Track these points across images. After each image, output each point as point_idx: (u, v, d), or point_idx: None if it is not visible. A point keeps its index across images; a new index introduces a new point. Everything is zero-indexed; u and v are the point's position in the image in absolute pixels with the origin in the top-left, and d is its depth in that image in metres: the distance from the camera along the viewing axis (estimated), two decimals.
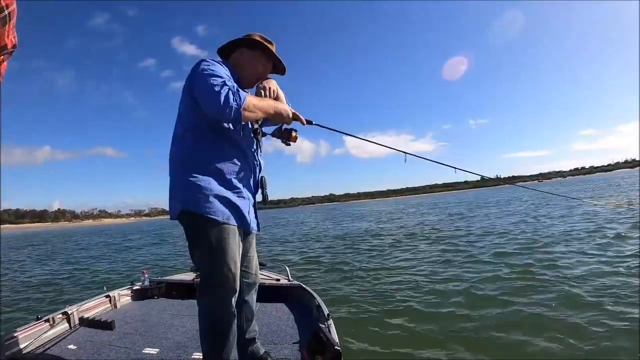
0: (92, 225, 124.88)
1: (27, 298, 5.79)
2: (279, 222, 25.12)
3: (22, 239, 32.23)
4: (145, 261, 9.56)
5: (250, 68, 1.73)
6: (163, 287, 3.29)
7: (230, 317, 1.55)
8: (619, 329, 2.87)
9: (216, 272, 1.50)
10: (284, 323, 2.43)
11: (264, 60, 1.75)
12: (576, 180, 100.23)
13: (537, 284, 4.29)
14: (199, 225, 1.51)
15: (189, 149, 1.55)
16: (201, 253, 1.54)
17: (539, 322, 3.17)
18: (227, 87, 1.43)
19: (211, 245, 1.50)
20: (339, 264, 6.82)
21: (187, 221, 1.54)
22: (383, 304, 4.07)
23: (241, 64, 1.73)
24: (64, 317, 2.42)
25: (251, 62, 1.73)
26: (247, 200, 1.64)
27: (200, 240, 1.52)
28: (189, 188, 1.51)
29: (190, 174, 1.51)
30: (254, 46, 1.73)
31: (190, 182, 1.51)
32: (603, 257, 5.38)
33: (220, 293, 1.51)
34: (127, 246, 15.51)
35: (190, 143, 1.56)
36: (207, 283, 1.54)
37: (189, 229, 1.55)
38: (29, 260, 12.29)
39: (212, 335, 1.54)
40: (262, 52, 1.74)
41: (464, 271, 5.35)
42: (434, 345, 2.93)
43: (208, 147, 1.55)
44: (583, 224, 9.02)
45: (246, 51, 1.73)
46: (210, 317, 1.53)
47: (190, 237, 1.56)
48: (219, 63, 1.59)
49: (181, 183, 1.53)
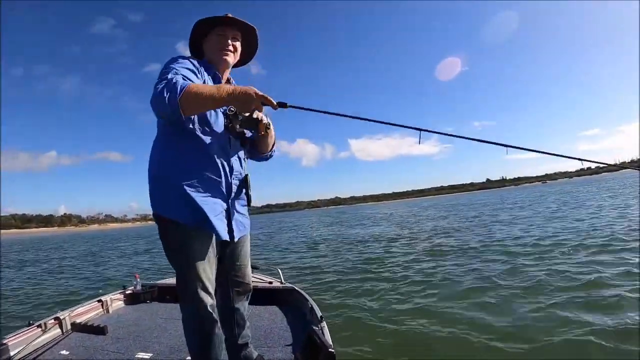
0: (98, 229, 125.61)
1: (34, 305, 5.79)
2: (282, 227, 24.75)
3: (28, 243, 32.42)
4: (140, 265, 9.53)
5: (211, 50, 1.64)
6: (155, 291, 3.27)
7: (209, 323, 1.48)
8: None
9: (184, 278, 1.47)
10: (277, 326, 2.42)
11: (221, 31, 1.62)
12: (582, 180, 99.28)
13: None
14: (164, 228, 1.50)
15: (158, 152, 1.54)
16: (169, 257, 1.53)
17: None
18: (166, 80, 1.33)
19: (175, 249, 1.49)
20: (335, 267, 6.79)
21: (157, 224, 1.52)
22: (377, 306, 4.06)
23: (207, 53, 1.67)
24: (56, 323, 2.40)
25: (209, 44, 1.64)
26: (216, 205, 1.51)
27: (166, 243, 1.52)
28: (156, 191, 1.51)
29: (158, 177, 1.51)
30: (199, 29, 1.64)
31: (157, 185, 1.51)
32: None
33: (191, 299, 1.46)
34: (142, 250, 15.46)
35: (159, 146, 1.55)
36: (179, 288, 1.51)
37: (159, 232, 1.53)
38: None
39: (194, 340, 1.52)
40: (207, 26, 1.63)
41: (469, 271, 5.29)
42: (428, 348, 2.91)
43: (174, 148, 1.49)
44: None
45: (207, 40, 1.65)
46: (188, 323, 1.51)
47: (161, 240, 1.54)
48: (186, 58, 1.53)
49: (151, 186, 1.52)
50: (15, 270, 10.95)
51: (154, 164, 1.52)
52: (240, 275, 1.75)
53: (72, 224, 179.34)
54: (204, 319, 1.47)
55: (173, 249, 1.50)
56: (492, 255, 6.47)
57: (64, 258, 14.36)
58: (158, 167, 1.51)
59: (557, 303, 3.55)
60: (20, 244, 31.15)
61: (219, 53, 1.62)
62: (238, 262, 1.73)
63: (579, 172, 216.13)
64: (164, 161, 1.50)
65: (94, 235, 47.83)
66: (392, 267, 6.28)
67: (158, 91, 1.30)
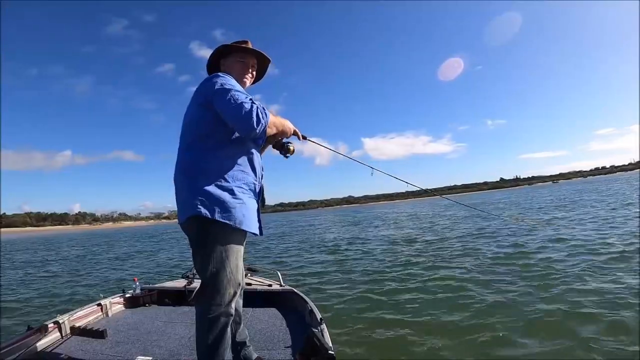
0: (112, 227, 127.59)
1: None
2: (296, 228, 23.28)
3: (42, 241, 33.04)
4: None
5: (232, 72, 1.80)
6: (155, 295, 3.27)
7: (229, 319, 1.61)
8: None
9: (223, 278, 1.57)
10: (277, 328, 2.43)
11: (242, 58, 1.85)
12: (597, 180, 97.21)
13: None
14: (210, 230, 1.56)
15: (201, 157, 1.60)
16: (212, 257, 1.58)
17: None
18: (255, 106, 1.53)
19: (223, 249, 1.58)
20: (335, 268, 6.83)
21: (197, 226, 1.57)
22: (377, 308, 4.07)
23: (229, 72, 1.81)
24: (55, 327, 2.40)
25: (230, 66, 1.84)
26: (255, 206, 1.73)
27: (211, 245, 1.57)
28: (202, 194, 1.55)
29: (203, 181, 1.57)
30: (229, 52, 1.85)
31: (202, 188, 1.56)
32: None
33: (227, 295, 1.58)
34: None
35: (201, 151, 1.61)
36: (213, 286, 1.58)
37: (200, 234, 1.58)
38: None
39: (210, 338, 1.57)
40: (237, 52, 1.85)
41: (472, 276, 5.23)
42: (428, 350, 2.92)
43: (220, 155, 1.62)
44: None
45: (227, 60, 1.85)
46: (210, 321, 1.57)
47: (199, 242, 1.60)
48: (230, 76, 1.71)
49: (193, 189, 1.57)
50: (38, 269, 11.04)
51: (195, 165, 1.60)
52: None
53: (86, 222, 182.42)
54: (226, 319, 1.60)
55: (216, 250, 1.57)
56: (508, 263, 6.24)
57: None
58: (203, 169, 1.59)
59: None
60: (33, 242, 31.64)
61: (239, 77, 1.80)
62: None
63: (592, 171, 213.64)
64: (210, 164, 1.60)
65: (107, 233, 48.49)
66: (395, 269, 6.25)
67: (254, 113, 1.52)
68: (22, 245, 28.07)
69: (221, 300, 1.58)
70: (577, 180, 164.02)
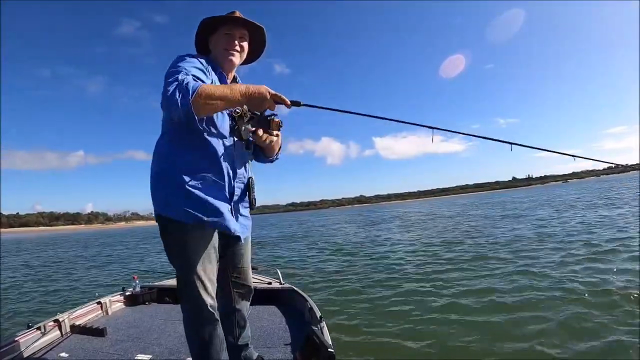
0: (124, 227, 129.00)
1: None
2: (310, 228, 22.43)
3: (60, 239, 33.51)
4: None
5: (217, 48, 1.61)
6: (154, 293, 3.27)
7: (210, 323, 1.49)
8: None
9: (186, 279, 1.46)
10: (277, 326, 2.42)
11: (229, 30, 1.59)
12: (611, 179, 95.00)
13: None
14: (164, 227, 1.48)
15: (161, 150, 1.50)
16: (170, 257, 1.52)
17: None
18: (177, 81, 1.30)
19: (176, 249, 1.48)
20: (335, 268, 6.80)
21: (159, 224, 1.50)
22: (377, 306, 4.08)
23: (213, 51, 1.63)
24: (55, 325, 2.40)
25: (216, 42, 1.61)
26: (223, 203, 1.51)
27: (167, 243, 1.50)
28: (158, 188, 1.48)
29: (160, 175, 1.48)
30: (208, 27, 1.61)
31: (159, 183, 1.48)
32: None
33: (192, 300, 1.46)
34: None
35: (163, 143, 1.51)
36: (180, 289, 1.50)
37: (160, 231, 1.50)
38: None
39: (195, 340, 1.51)
40: (224, 25, 1.59)
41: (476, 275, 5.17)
42: (427, 348, 2.91)
43: (178, 147, 1.47)
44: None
45: (214, 37, 1.62)
46: (189, 323, 1.51)
47: (162, 239, 1.51)
48: (194, 56, 1.50)
49: (152, 184, 1.50)
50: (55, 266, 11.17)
51: (156, 161, 1.50)
52: (242, 277, 1.75)
53: (99, 221, 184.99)
54: (205, 320, 1.48)
55: (174, 249, 1.49)
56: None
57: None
58: (160, 164, 1.49)
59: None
60: (41, 242, 32.12)
61: (224, 53, 1.60)
62: (240, 264, 1.73)
63: (605, 170, 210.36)
64: (167, 159, 1.47)
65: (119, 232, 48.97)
66: (400, 269, 6.20)
67: (169, 93, 1.27)
68: (32, 244, 28.41)
69: (192, 303, 1.47)
70: (591, 179, 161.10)
